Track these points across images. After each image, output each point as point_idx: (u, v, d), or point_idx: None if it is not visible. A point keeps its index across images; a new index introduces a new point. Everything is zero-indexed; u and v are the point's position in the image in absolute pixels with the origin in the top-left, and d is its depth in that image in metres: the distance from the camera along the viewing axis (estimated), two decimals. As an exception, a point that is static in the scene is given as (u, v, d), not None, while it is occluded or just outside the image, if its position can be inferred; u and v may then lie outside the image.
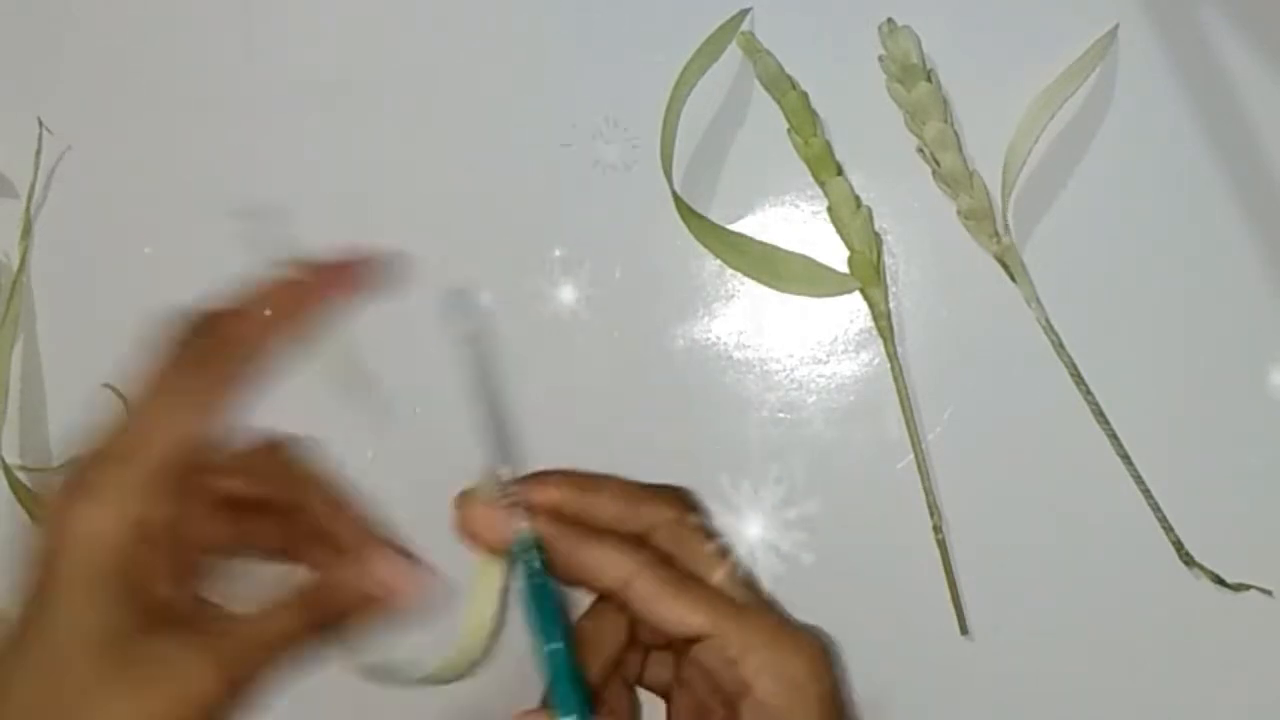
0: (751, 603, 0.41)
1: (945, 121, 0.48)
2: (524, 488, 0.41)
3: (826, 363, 0.50)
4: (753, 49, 0.49)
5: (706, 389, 0.50)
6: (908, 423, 0.49)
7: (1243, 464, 0.49)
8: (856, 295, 0.50)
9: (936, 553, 0.49)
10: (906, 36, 0.48)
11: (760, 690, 0.38)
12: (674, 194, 0.49)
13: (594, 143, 0.51)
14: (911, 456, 0.49)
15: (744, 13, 0.49)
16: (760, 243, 0.50)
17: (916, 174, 0.49)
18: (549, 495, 0.41)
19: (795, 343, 0.50)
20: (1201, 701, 0.49)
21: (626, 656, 0.42)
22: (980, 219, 0.48)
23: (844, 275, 0.49)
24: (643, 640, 0.42)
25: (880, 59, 0.49)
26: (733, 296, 0.51)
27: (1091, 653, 0.49)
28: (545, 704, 0.39)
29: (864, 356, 0.50)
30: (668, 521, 0.41)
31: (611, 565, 0.40)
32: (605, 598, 0.41)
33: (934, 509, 0.49)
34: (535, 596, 0.40)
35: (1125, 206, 0.49)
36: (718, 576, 0.41)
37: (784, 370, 0.50)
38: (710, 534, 0.42)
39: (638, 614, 0.40)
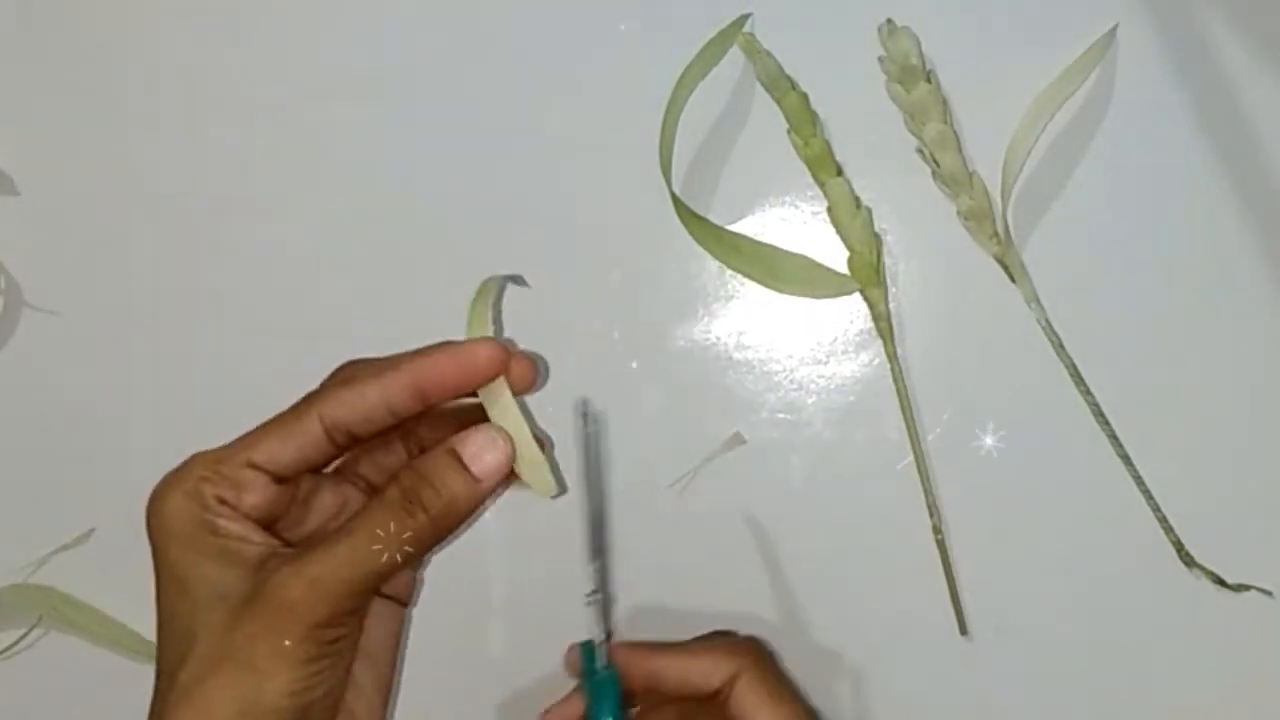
0: None
1: (945, 122, 0.48)
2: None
3: (826, 363, 0.50)
4: (753, 50, 0.49)
5: (706, 389, 0.50)
6: (907, 423, 0.49)
7: (1243, 464, 0.49)
8: (856, 295, 0.50)
9: (936, 553, 0.49)
10: (906, 37, 0.48)
11: None
12: (673, 195, 0.49)
13: (595, 144, 0.51)
14: (911, 457, 0.49)
15: (744, 17, 0.49)
16: (760, 243, 0.50)
17: (916, 174, 0.49)
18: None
19: (795, 343, 0.50)
20: (1202, 701, 0.49)
21: None
22: (980, 219, 0.48)
23: (844, 276, 0.49)
24: None
25: (880, 59, 0.49)
26: (733, 296, 0.51)
27: (1091, 653, 0.49)
28: None
29: (864, 357, 0.50)
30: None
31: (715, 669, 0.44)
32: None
33: (934, 509, 0.49)
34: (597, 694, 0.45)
35: (1125, 206, 0.49)
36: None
37: (784, 370, 0.50)
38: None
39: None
